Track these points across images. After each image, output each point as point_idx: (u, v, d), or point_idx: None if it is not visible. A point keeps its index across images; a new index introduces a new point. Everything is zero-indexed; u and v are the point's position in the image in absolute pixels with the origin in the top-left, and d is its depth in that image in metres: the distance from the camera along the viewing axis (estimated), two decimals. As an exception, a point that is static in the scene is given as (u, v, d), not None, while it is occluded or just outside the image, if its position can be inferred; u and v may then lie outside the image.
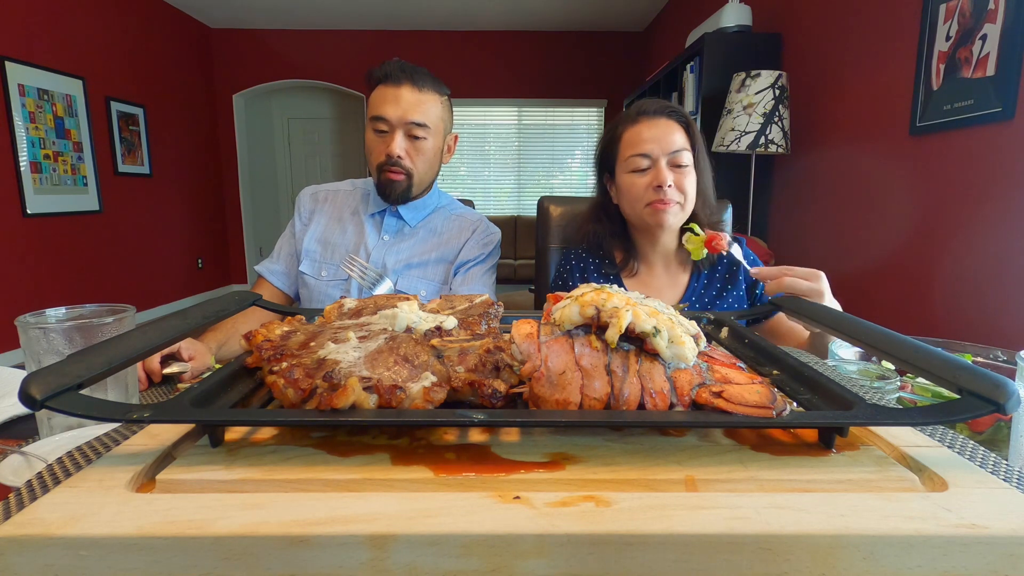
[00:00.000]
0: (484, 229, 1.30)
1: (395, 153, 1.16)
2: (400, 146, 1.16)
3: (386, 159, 1.17)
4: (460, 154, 6.28)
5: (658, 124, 1.06)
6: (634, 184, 1.07)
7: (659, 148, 1.04)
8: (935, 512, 0.31)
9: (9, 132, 3.51)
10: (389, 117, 1.15)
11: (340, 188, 1.35)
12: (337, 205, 1.32)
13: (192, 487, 0.35)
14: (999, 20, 1.65)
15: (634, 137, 1.07)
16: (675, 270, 1.15)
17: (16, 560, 0.29)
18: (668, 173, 1.04)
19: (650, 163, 1.05)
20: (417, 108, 1.16)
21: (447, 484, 0.34)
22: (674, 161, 1.05)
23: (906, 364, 0.42)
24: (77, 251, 4.09)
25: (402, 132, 1.16)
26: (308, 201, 1.34)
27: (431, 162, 1.22)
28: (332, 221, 1.31)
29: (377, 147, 1.18)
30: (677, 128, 1.06)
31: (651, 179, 1.04)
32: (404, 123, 1.15)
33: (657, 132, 1.05)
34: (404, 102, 1.15)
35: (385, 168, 1.18)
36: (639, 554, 0.30)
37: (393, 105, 1.15)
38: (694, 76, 3.13)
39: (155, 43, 4.92)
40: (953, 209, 1.87)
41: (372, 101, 1.19)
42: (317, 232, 1.29)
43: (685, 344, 0.41)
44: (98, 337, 0.61)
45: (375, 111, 1.17)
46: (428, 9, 5.28)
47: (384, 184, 1.20)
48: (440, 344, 0.45)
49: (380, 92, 1.17)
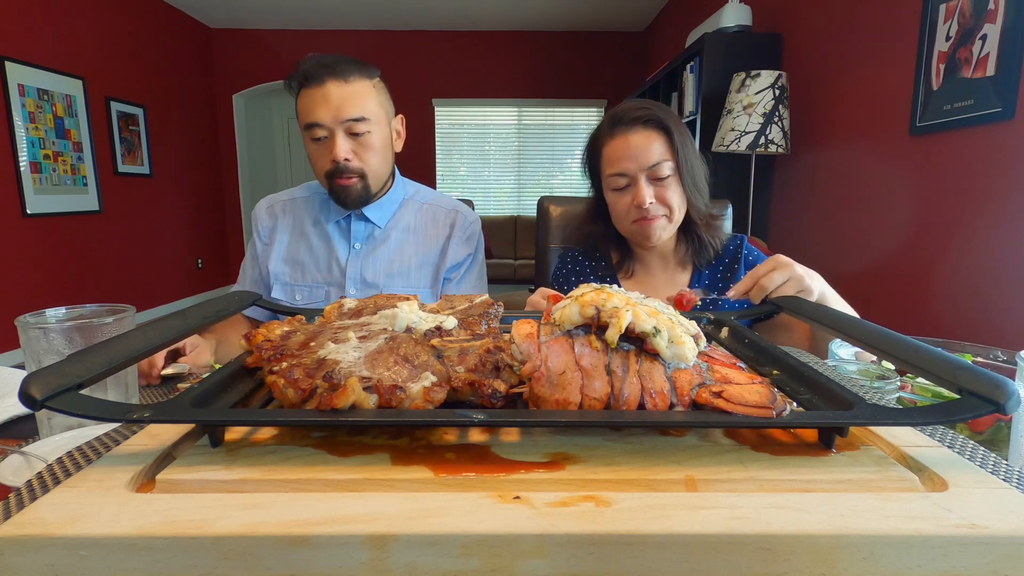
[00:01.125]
0: (463, 222, 1.21)
1: (340, 157, 1.06)
2: (344, 149, 1.06)
3: (333, 166, 1.07)
4: (460, 154, 6.28)
5: (634, 136, 1.00)
6: (616, 203, 1.03)
7: (635, 165, 0.99)
8: (935, 512, 0.31)
9: (9, 132, 3.51)
10: (323, 121, 1.05)
11: (296, 196, 1.24)
12: (297, 216, 1.21)
13: (192, 487, 0.35)
14: (999, 20, 1.65)
15: (611, 153, 1.02)
16: (673, 270, 1.13)
17: (16, 560, 0.29)
18: (648, 190, 0.99)
19: (628, 181, 1.01)
20: (350, 102, 1.05)
21: (447, 484, 0.34)
22: (654, 175, 1.00)
23: (906, 364, 0.42)
24: (77, 251, 4.09)
25: (342, 133, 1.06)
26: (265, 217, 1.22)
27: (383, 155, 1.12)
28: (295, 237, 1.19)
29: (320, 156, 1.09)
30: (655, 136, 1.00)
31: (631, 198, 1.01)
32: (340, 122, 1.05)
33: (633, 147, 0.99)
34: (334, 100, 1.04)
35: (334, 176, 1.08)
36: (639, 554, 0.30)
37: (323, 107, 1.04)
38: (694, 76, 3.13)
39: (155, 43, 4.92)
40: (953, 209, 1.87)
41: (300, 109, 1.08)
42: (281, 251, 1.19)
43: (685, 344, 0.41)
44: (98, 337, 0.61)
45: (306, 118, 1.06)
46: (428, 9, 5.28)
47: (338, 193, 1.10)
48: (440, 344, 0.45)
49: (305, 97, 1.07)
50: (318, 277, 1.17)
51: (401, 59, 5.88)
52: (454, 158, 6.27)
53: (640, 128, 1.01)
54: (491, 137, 6.27)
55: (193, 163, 5.53)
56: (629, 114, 1.02)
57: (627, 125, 1.01)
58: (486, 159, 6.33)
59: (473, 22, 5.66)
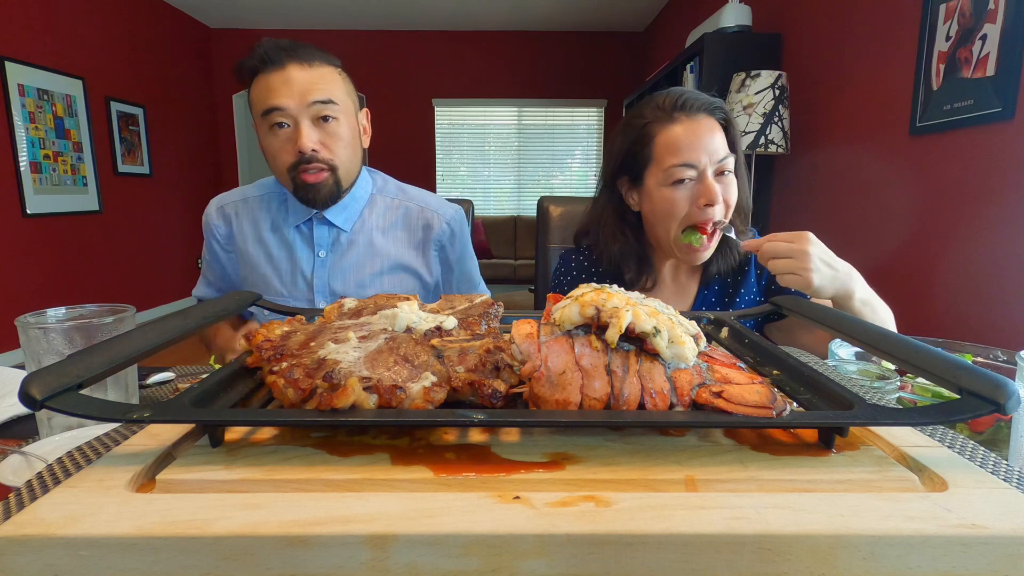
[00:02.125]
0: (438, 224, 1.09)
1: (307, 147, 0.94)
2: (311, 137, 0.94)
3: (297, 158, 0.95)
4: (460, 154, 6.28)
5: (700, 124, 0.89)
6: (674, 200, 0.90)
7: (706, 156, 0.87)
8: (935, 512, 0.31)
9: (9, 132, 3.51)
10: (285, 104, 0.92)
11: (249, 195, 1.11)
12: (252, 220, 1.09)
13: (192, 487, 0.35)
14: (999, 20, 1.65)
15: (674, 141, 0.89)
16: (683, 279, 1.05)
17: (16, 560, 0.29)
18: (717, 187, 0.88)
19: (696, 174, 0.89)
20: (316, 85, 0.94)
21: (447, 484, 0.34)
22: (720, 169, 0.89)
23: (906, 364, 0.42)
24: (77, 251, 4.09)
25: (307, 120, 0.94)
26: (219, 221, 1.10)
27: (352, 147, 1.01)
28: (253, 244, 1.08)
29: (281, 147, 0.96)
30: (719, 129, 0.90)
31: (696, 194, 0.89)
32: (306, 106, 0.93)
33: (701, 136, 0.88)
34: (297, 83, 0.93)
35: (299, 169, 0.96)
36: (639, 554, 0.30)
37: (284, 89, 0.92)
38: (694, 76, 3.13)
39: (155, 43, 4.92)
40: (953, 209, 1.87)
41: (256, 96, 0.95)
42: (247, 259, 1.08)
43: (685, 344, 0.41)
44: (98, 337, 0.61)
45: (265, 103, 0.93)
46: (428, 9, 5.28)
47: (303, 189, 0.98)
48: (440, 344, 0.45)
49: (263, 82, 0.94)
50: (282, 290, 1.06)
51: (401, 59, 5.88)
52: (454, 158, 6.27)
53: (706, 116, 0.90)
54: (491, 137, 6.27)
55: (193, 163, 5.53)
56: (693, 99, 0.91)
57: (692, 112, 0.90)
58: (486, 159, 6.33)
59: (473, 22, 5.66)
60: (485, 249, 5.88)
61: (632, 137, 0.95)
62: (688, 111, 0.90)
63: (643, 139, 0.93)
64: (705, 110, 0.91)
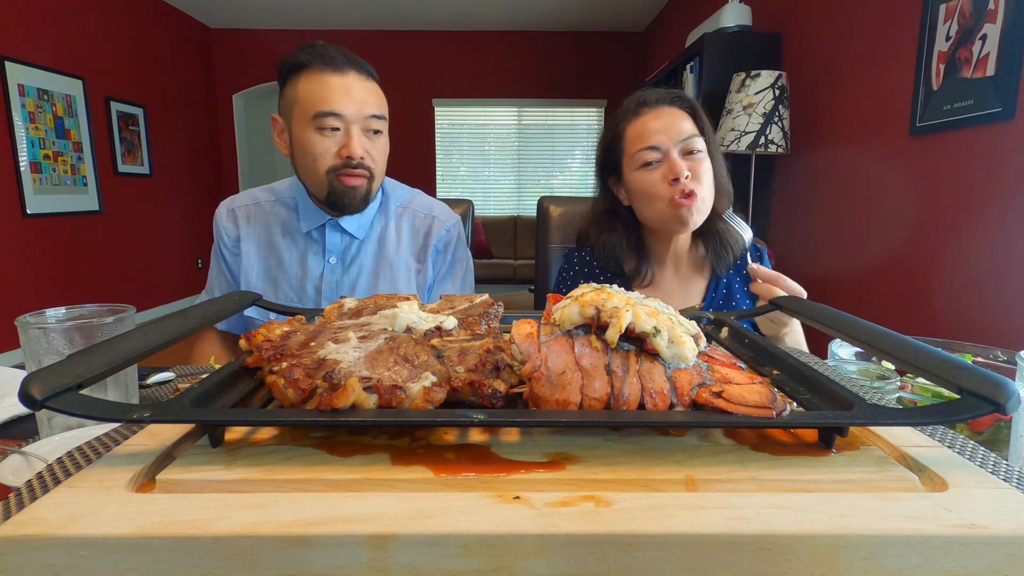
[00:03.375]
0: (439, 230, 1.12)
1: (357, 154, 0.97)
2: (361, 145, 0.98)
3: (343, 161, 0.98)
4: (460, 154, 6.29)
5: (663, 113, 0.97)
6: (646, 181, 0.97)
7: (668, 138, 0.95)
8: (935, 512, 0.31)
9: (9, 132, 3.51)
10: (344, 112, 0.96)
11: (260, 200, 1.13)
12: (264, 223, 1.10)
13: (192, 487, 0.35)
14: (999, 20, 1.65)
15: (639, 130, 0.98)
16: (687, 274, 1.07)
17: (16, 560, 0.29)
18: (682, 162, 0.94)
19: (660, 155, 0.96)
20: (373, 99, 0.99)
21: (447, 484, 0.34)
22: (686, 148, 0.96)
23: (906, 364, 0.42)
24: (77, 251, 4.09)
25: (359, 128, 0.98)
26: (228, 224, 1.11)
27: (386, 159, 1.06)
28: (266, 249, 1.09)
29: (327, 148, 0.98)
30: (683, 115, 0.98)
31: (664, 172, 0.95)
32: (363, 118, 0.98)
33: (663, 121, 0.96)
34: (356, 92, 0.97)
35: (342, 172, 0.99)
36: (639, 554, 0.30)
37: (345, 97, 0.96)
38: (694, 76, 3.13)
39: (155, 43, 4.92)
40: (953, 209, 1.87)
41: (308, 93, 0.97)
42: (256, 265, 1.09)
43: (685, 344, 0.41)
44: (98, 337, 0.61)
45: (320, 106, 0.95)
46: (428, 9, 5.28)
47: (340, 192, 1.00)
48: (440, 344, 0.45)
49: (321, 81, 0.96)
50: (292, 296, 1.07)
51: (401, 59, 5.88)
52: (454, 158, 6.28)
53: (668, 106, 0.99)
54: (491, 137, 6.27)
55: (193, 163, 5.53)
56: (654, 95, 1.00)
57: (654, 105, 0.99)
58: (486, 159, 6.33)
59: (473, 22, 5.66)
60: (485, 249, 5.88)
61: (608, 138, 1.06)
62: (650, 105, 1.00)
63: (616, 137, 1.03)
64: (666, 102, 1.00)
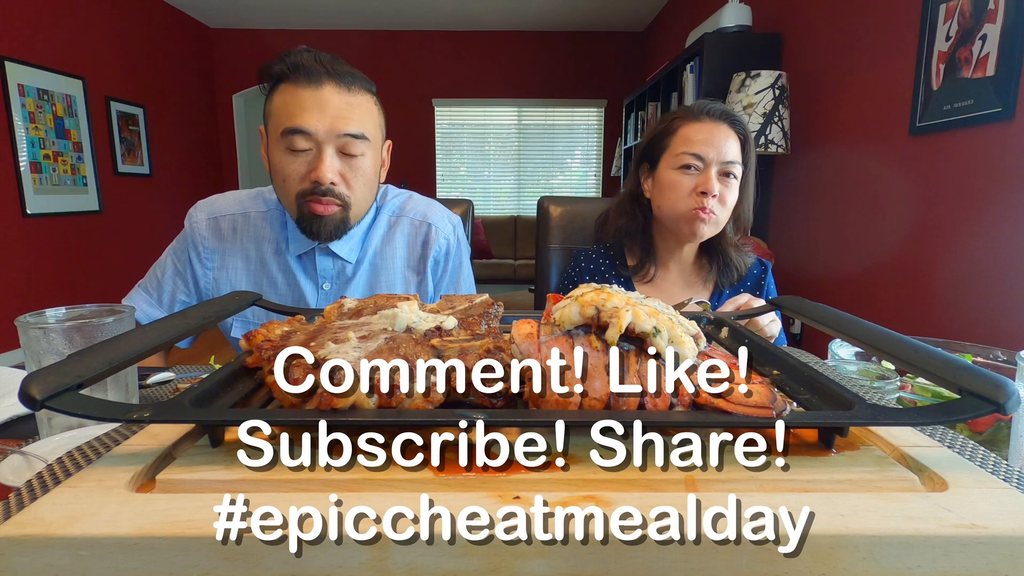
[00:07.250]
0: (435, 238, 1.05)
1: (326, 179, 0.86)
2: (332, 168, 0.86)
3: (312, 187, 0.87)
4: (460, 154, 6.28)
5: (719, 128, 1.01)
6: (679, 183, 1.02)
7: (714, 153, 1.00)
8: (935, 512, 0.31)
9: (9, 132, 3.51)
10: (313, 130, 0.84)
11: (248, 211, 1.01)
12: (253, 238, 0.99)
13: (192, 487, 0.35)
14: (999, 20, 1.65)
15: (691, 134, 1.02)
16: (691, 280, 1.11)
17: (16, 560, 0.29)
18: (716, 182, 0.99)
19: (701, 165, 1.01)
20: (350, 115, 0.87)
21: (447, 484, 0.34)
22: (725, 170, 1.01)
23: (906, 364, 0.42)
24: (77, 251, 4.09)
25: (331, 149, 0.86)
26: (208, 234, 0.99)
27: (371, 184, 0.93)
28: (256, 266, 0.99)
29: (295, 170, 0.87)
30: (735, 138, 1.02)
31: (698, 183, 1.00)
32: (335, 137, 0.86)
33: (716, 136, 1.00)
34: (331, 108, 0.85)
35: (310, 198, 0.88)
36: (639, 554, 0.30)
37: (316, 113, 0.84)
38: (694, 76, 3.13)
39: (155, 43, 4.91)
40: (953, 209, 1.87)
41: (279, 107, 0.87)
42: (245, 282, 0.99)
43: (685, 344, 0.41)
44: (98, 337, 0.61)
45: (288, 121, 0.85)
46: (428, 9, 5.28)
47: (308, 219, 0.89)
48: (440, 344, 0.45)
49: (291, 94, 0.85)
50: None
51: (401, 59, 5.88)
52: (454, 158, 6.27)
53: (726, 125, 1.03)
54: (491, 137, 6.27)
55: (193, 163, 5.53)
56: (719, 109, 1.04)
57: (716, 117, 1.02)
58: (486, 159, 6.33)
59: (473, 22, 5.66)
60: (485, 249, 5.88)
61: (661, 128, 1.09)
62: (713, 117, 1.03)
63: (668, 130, 1.06)
64: (728, 120, 1.03)
